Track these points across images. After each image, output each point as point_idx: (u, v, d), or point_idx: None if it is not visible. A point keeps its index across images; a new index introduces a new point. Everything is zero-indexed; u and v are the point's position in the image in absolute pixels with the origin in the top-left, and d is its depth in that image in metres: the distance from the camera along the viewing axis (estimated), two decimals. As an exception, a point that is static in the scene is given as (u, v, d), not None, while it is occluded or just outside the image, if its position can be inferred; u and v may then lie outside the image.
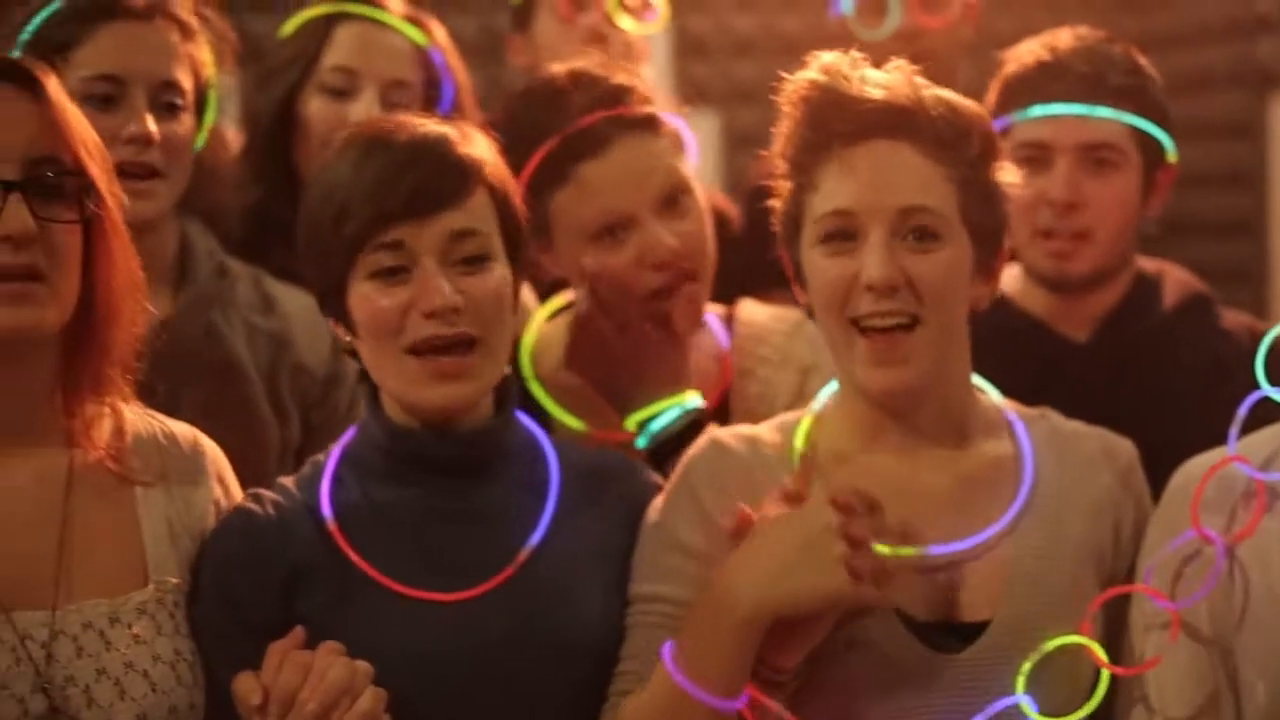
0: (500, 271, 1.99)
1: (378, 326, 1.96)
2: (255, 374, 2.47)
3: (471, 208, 1.98)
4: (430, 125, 2.01)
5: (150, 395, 2.17)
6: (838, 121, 1.95)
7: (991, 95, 2.60)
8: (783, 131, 2.00)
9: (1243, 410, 1.91)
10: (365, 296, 1.97)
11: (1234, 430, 1.91)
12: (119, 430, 1.97)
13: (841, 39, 2.92)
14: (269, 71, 2.78)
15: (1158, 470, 2.05)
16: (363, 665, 1.86)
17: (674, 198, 2.32)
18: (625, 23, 3.14)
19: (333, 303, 2.02)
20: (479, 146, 2.02)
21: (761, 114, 2.20)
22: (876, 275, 1.91)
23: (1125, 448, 2.08)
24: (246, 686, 1.86)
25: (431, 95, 2.75)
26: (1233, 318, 2.67)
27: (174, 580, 1.94)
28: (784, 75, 2.01)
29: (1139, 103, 2.56)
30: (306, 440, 2.51)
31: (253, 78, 2.81)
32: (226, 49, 2.52)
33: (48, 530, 1.89)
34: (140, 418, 2.01)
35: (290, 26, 2.80)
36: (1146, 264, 2.66)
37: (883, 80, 1.97)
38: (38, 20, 2.37)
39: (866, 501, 1.85)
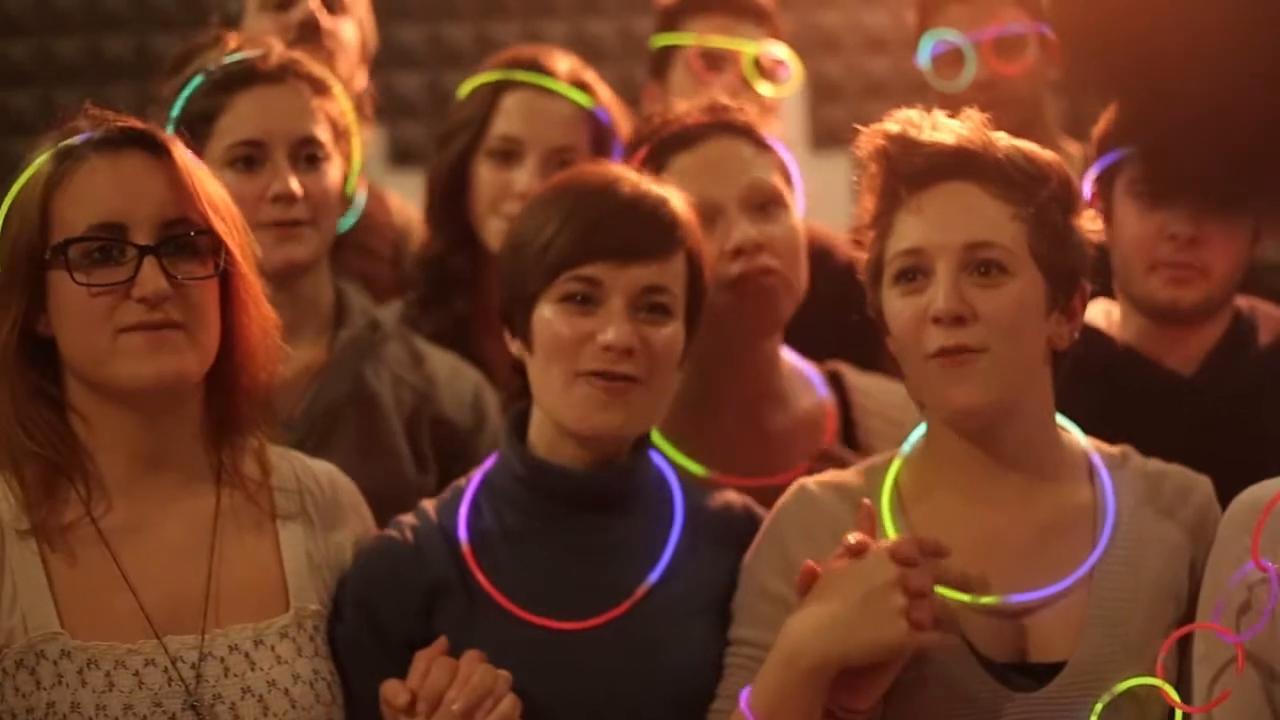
0: (676, 328, 2.12)
1: (556, 348, 2.09)
2: (399, 420, 2.59)
3: (669, 266, 2.11)
4: (652, 184, 2.15)
5: (302, 438, 2.36)
6: (908, 167, 2.03)
7: (1099, 131, 2.60)
8: (863, 183, 2.09)
9: None
10: (551, 319, 2.09)
11: None
12: (262, 468, 2.11)
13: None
14: (445, 135, 2.92)
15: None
16: (503, 673, 1.99)
17: (764, 204, 2.40)
18: (761, 86, 3.23)
19: (518, 314, 2.13)
20: (687, 208, 2.15)
21: None
22: (943, 306, 1.98)
23: (1202, 485, 2.11)
24: (393, 688, 2.00)
25: (600, 153, 2.85)
26: None
27: (314, 606, 2.07)
28: (859, 128, 2.09)
29: None
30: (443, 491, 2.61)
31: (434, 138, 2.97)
32: (366, 100, 2.66)
33: (197, 562, 2.03)
34: (282, 457, 2.15)
35: (465, 90, 2.95)
36: (1239, 300, 2.65)
37: (952, 126, 2.05)
38: (184, 95, 2.52)
39: (932, 548, 1.92)
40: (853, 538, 1.94)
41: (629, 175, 2.17)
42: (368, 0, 3.18)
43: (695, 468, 2.38)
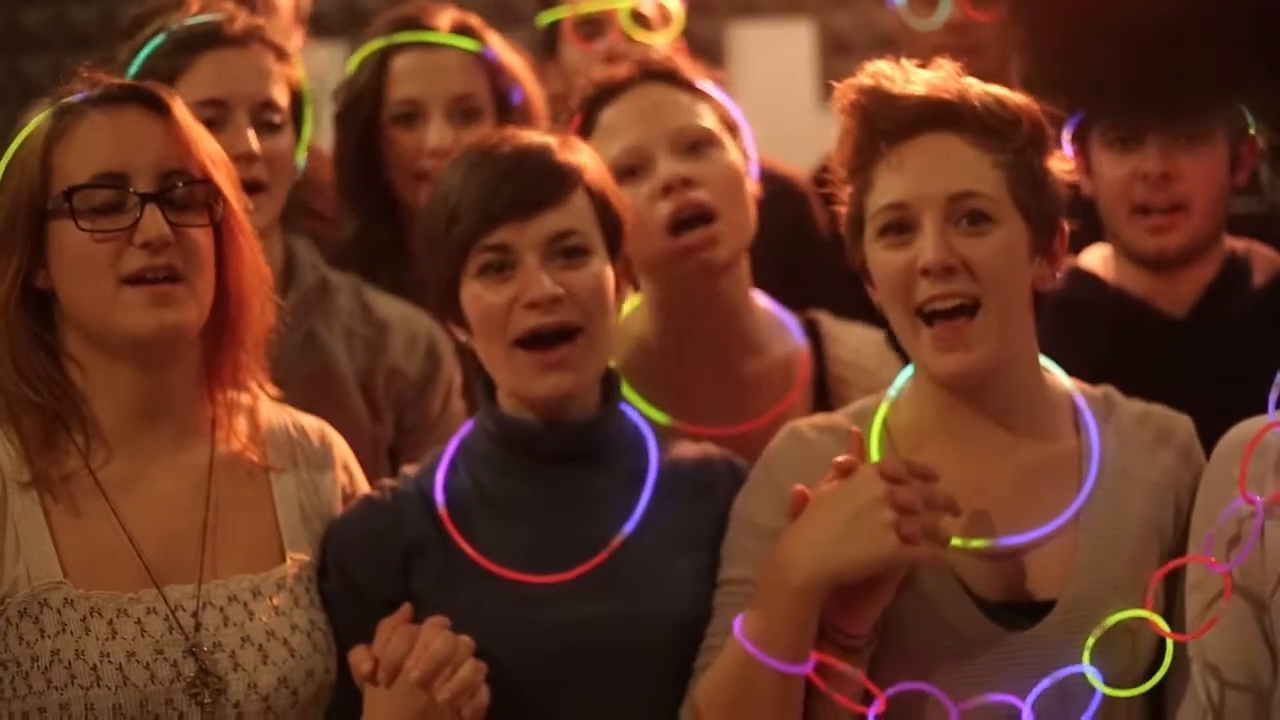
0: (599, 265, 2.13)
1: (486, 321, 2.11)
2: (351, 377, 2.60)
3: (570, 209, 2.12)
4: (533, 136, 2.17)
5: None
6: (885, 120, 2.03)
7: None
8: (839, 137, 2.09)
9: None
10: (475, 294, 2.12)
11: (1274, 396, 1.96)
12: (255, 420, 2.14)
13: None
14: (344, 110, 2.91)
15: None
16: (464, 639, 2.00)
17: (694, 144, 2.40)
18: (642, 36, 3.19)
19: (448, 302, 2.16)
20: (579, 153, 2.16)
21: None
22: (931, 258, 1.98)
23: (1183, 424, 2.12)
24: (359, 657, 2.02)
25: (498, 93, 2.86)
26: None
27: (307, 558, 2.10)
28: (833, 84, 2.09)
29: None
30: (400, 439, 2.64)
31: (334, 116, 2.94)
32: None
33: (193, 512, 2.07)
34: (274, 410, 2.18)
35: (351, 65, 2.93)
36: (1234, 242, 2.69)
37: (926, 77, 2.05)
38: (143, 54, 2.52)
39: (920, 471, 1.93)
40: (841, 459, 1.96)
41: (509, 135, 2.18)
42: None
43: (661, 417, 2.38)
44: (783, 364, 2.49)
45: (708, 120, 2.42)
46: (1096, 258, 2.67)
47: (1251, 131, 2.64)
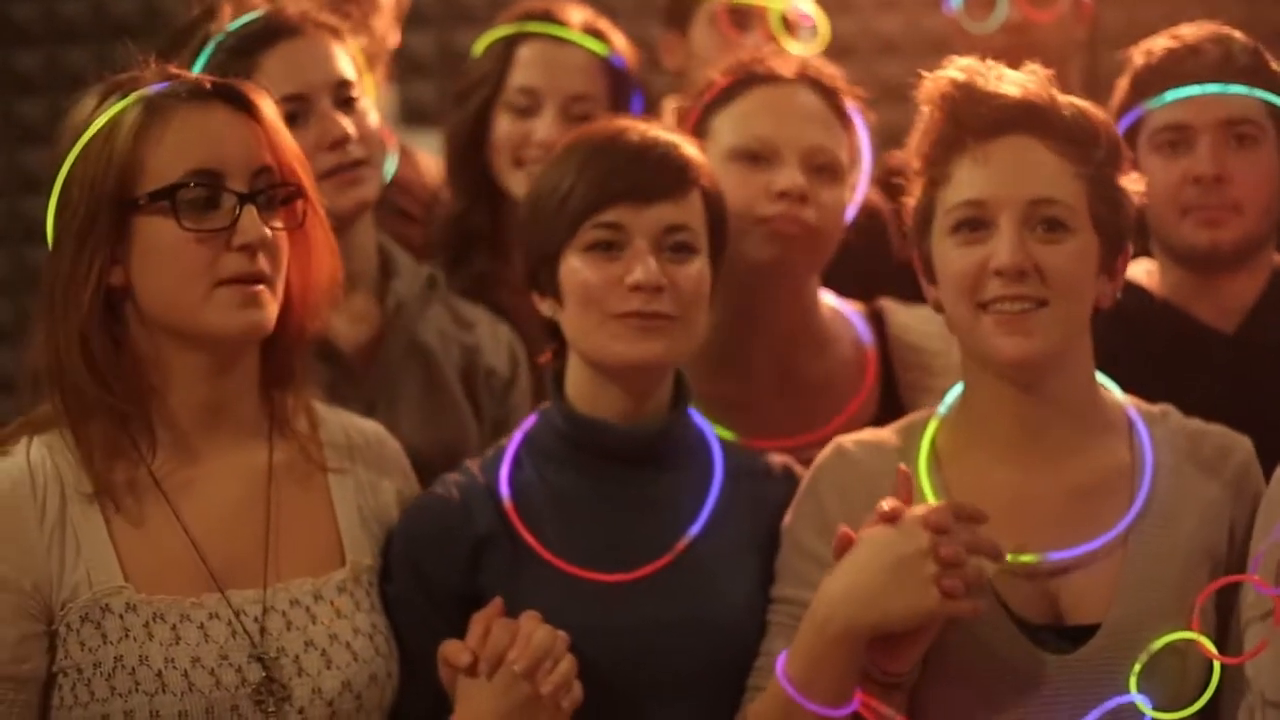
0: (702, 265, 2.16)
1: (586, 294, 2.13)
2: (457, 382, 2.62)
3: (686, 204, 2.15)
4: (660, 129, 2.20)
5: (371, 400, 2.40)
6: (974, 117, 2.03)
7: (1120, 91, 2.64)
8: (920, 128, 2.09)
9: None
10: (578, 268, 2.14)
11: None
12: (313, 421, 2.14)
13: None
14: (461, 92, 2.93)
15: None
16: (561, 633, 2.02)
17: (823, 168, 2.41)
18: (788, 42, 3.22)
19: (544, 273, 2.17)
20: (698, 153, 2.19)
21: (906, 112, 2.31)
22: (1007, 260, 1.99)
23: (1241, 445, 2.11)
24: (454, 649, 2.03)
25: (618, 100, 2.88)
26: None
27: (368, 561, 2.11)
28: (923, 74, 2.09)
29: (1268, 81, 2.58)
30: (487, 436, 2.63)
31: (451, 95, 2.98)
32: (380, 59, 2.67)
33: (254, 516, 2.06)
34: (330, 413, 2.19)
35: (479, 47, 2.96)
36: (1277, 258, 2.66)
37: (1018, 79, 2.06)
38: (200, 62, 2.48)
39: (969, 513, 1.92)
40: (887, 504, 1.94)
41: (637, 124, 2.21)
42: None
43: (727, 434, 2.38)
44: (850, 363, 2.52)
45: (842, 150, 2.45)
46: (1142, 271, 2.64)
47: None
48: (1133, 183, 2.09)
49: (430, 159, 3.26)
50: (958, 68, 2.07)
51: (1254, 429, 2.15)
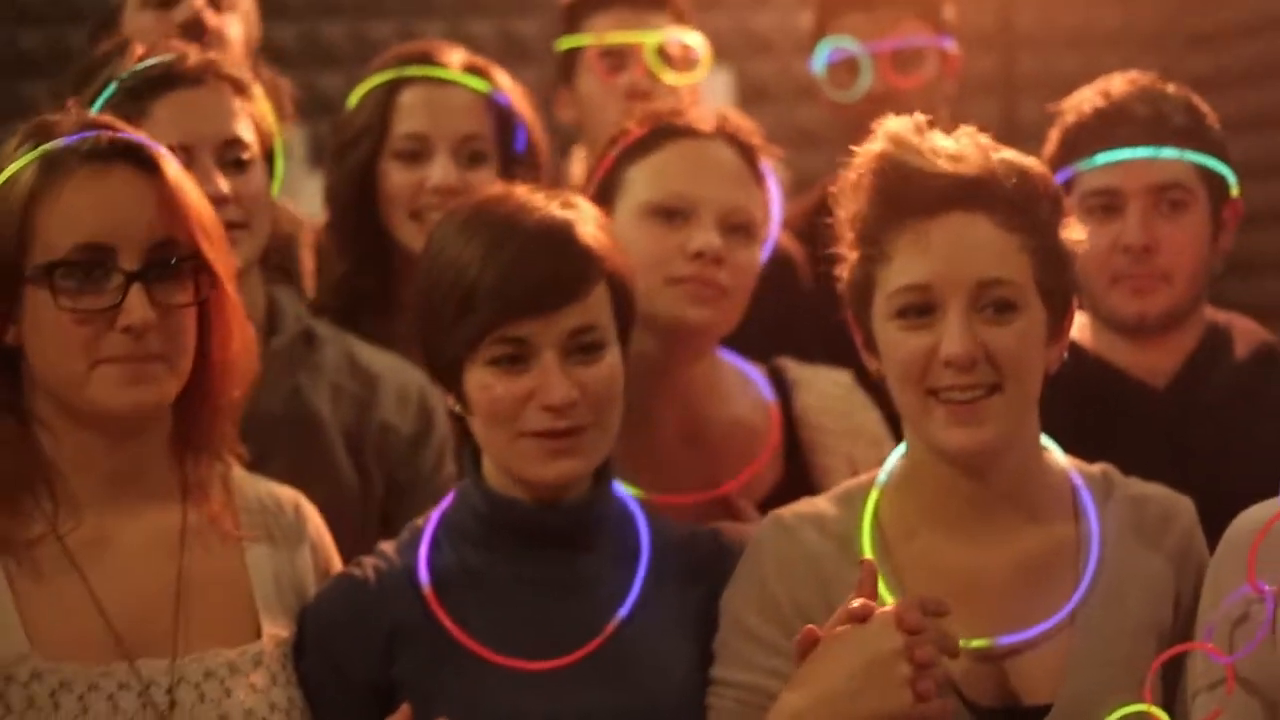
0: (613, 359, 2.05)
1: (495, 413, 2.02)
2: (339, 435, 2.51)
3: (592, 302, 2.03)
4: (555, 210, 2.06)
5: (244, 469, 2.24)
6: (910, 197, 1.95)
7: (1051, 146, 2.61)
8: (852, 202, 2.00)
9: None
10: (484, 385, 2.02)
11: None
12: (228, 487, 2.06)
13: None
14: (341, 146, 2.82)
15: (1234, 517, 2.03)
16: None
17: (738, 228, 2.36)
18: (668, 76, 3.18)
19: (447, 380, 2.07)
20: (597, 230, 2.07)
21: (824, 157, 2.27)
22: (958, 350, 1.92)
23: (1184, 510, 2.07)
24: None
25: (504, 137, 2.80)
26: None
27: (284, 633, 2.03)
28: (854, 150, 2.02)
29: (1201, 140, 2.58)
30: (391, 499, 2.55)
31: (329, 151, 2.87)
32: (285, 100, 2.55)
33: (165, 583, 1.98)
34: (246, 479, 2.11)
35: (354, 97, 2.85)
36: (1215, 314, 2.66)
37: (953, 150, 1.96)
38: (97, 105, 2.40)
39: (934, 607, 1.85)
40: (856, 602, 1.86)
41: (525, 203, 2.06)
42: None
43: (634, 490, 2.31)
44: (753, 420, 2.47)
45: (757, 210, 2.40)
46: (1075, 325, 2.53)
47: (1234, 194, 2.62)
48: (1073, 232, 2.03)
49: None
50: (887, 137, 1.99)
51: (1187, 484, 2.12)
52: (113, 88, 2.43)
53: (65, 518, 1.95)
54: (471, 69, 2.82)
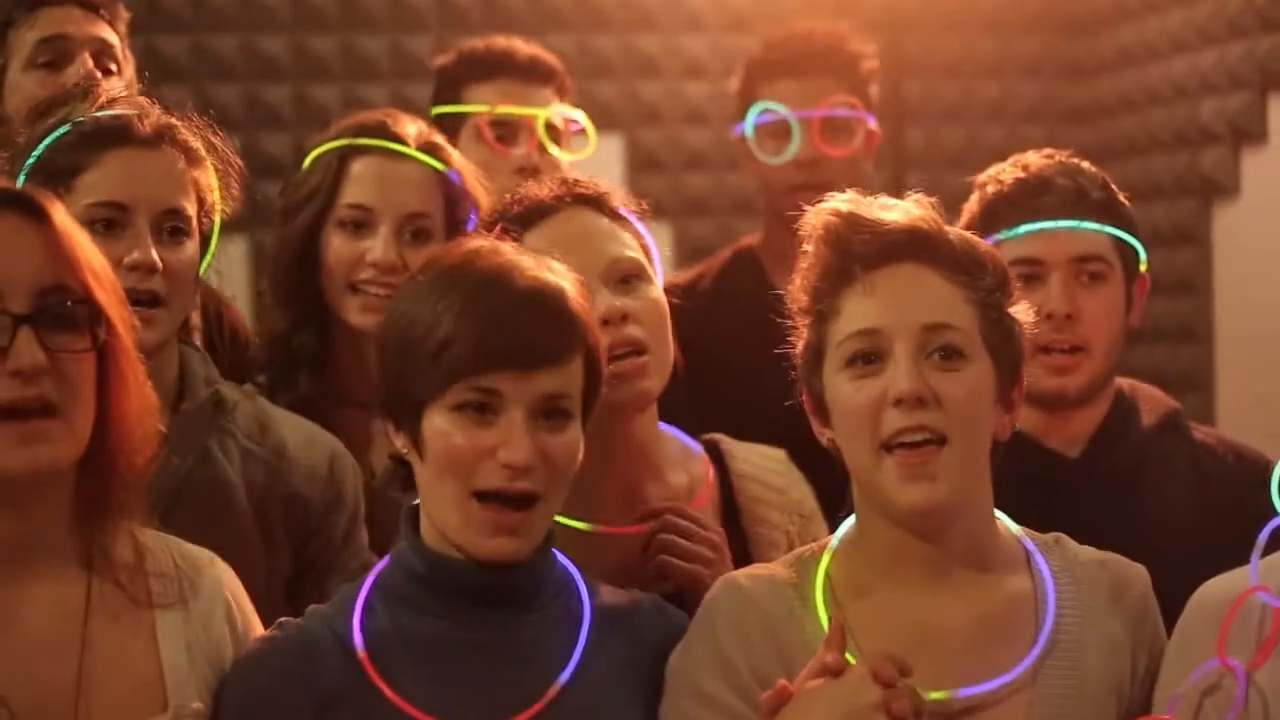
0: (575, 433, 1.99)
1: (452, 462, 1.95)
2: (247, 502, 2.43)
3: (569, 371, 1.98)
4: (548, 274, 2.00)
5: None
6: (860, 246, 1.97)
7: (969, 217, 2.63)
8: (804, 263, 2.02)
9: (1263, 537, 1.91)
10: (445, 431, 1.95)
11: (1255, 558, 1.91)
12: (136, 552, 1.96)
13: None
14: (289, 206, 2.77)
15: (1156, 584, 2.07)
16: None
17: (626, 277, 2.32)
18: (557, 152, 3.20)
19: (404, 416, 1.99)
20: (583, 301, 2.02)
21: (713, 225, 2.27)
22: (906, 387, 1.92)
23: (1138, 576, 2.07)
24: None
25: (454, 218, 2.76)
26: (1202, 431, 2.73)
27: (194, 705, 1.93)
28: (805, 208, 2.03)
29: (1116, 216, 2.63)
30: (299, 571, 2.47)
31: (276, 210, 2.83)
32: (233, 174, 2.49)
33: (67, 656, 1.89)
34: (155, 540, 2.00)
35: (309, 160, 2.80)
36: (1120, 381, 2.69)
37: (902, 207, 2.01)
38: (43, 146, 2.36)
39: (901, 665, 1.84)
40: (830, 657, 1.85)
41: (523, 263, 2.01)
42: (135, 64, 3.10)
43: (578, 524, 2.28)
44: (686, 489, 2.42)
45: (635, 251, 2.35)
46: None
47: (1143, 270, 2.66)
48: (1021, 313, 2.04)
49: None
50: (839, 200, 2.01)
51: (1104, 549, 2.12)
52: (65, 129, 2.37)
53: None
54: (427, 146, 2.78)
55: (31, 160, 2.36)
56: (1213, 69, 4.93)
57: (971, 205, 2.66)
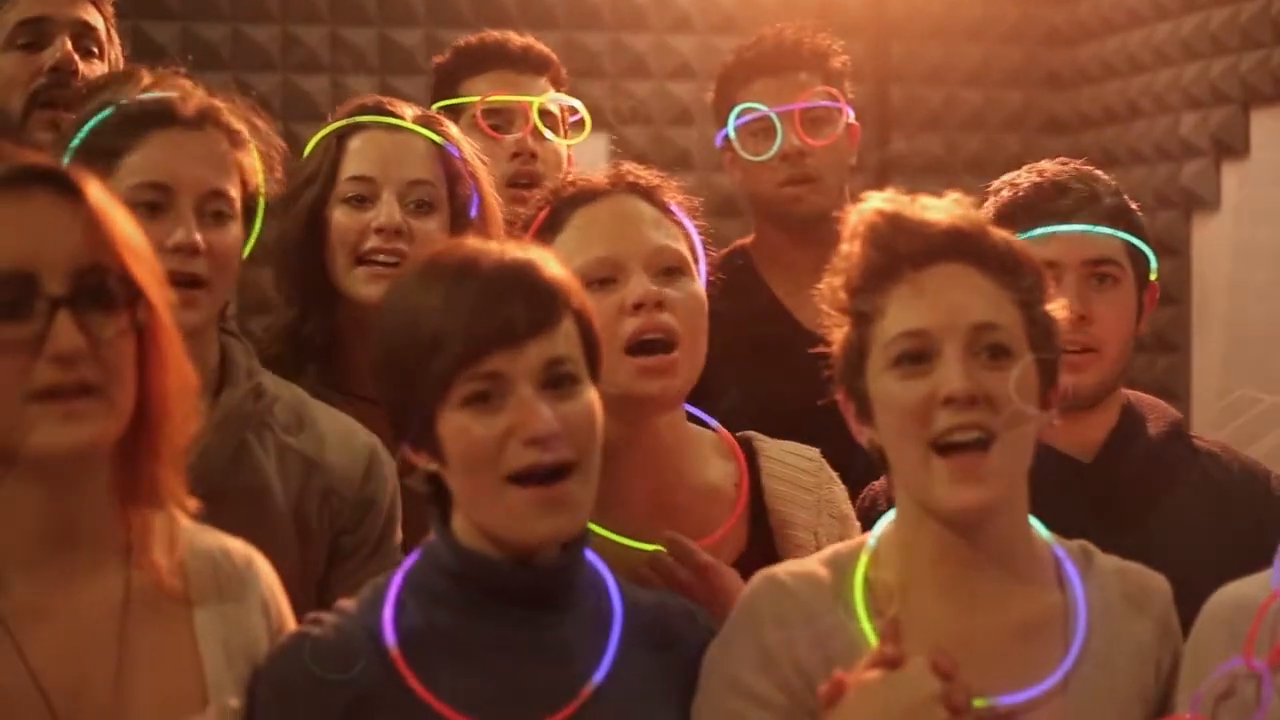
0: (590, 394, 1.97)
1: (476, 456, 1.92)
2: (283, 497, 2.41)
3: (561, 333, 1.95)
4: (513, 251, 1.99)
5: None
6: (905, 245, 1.98)
7: None
8: (845, 262, 2.03)
9: None
10: (460, 428, 1.92)
11: (1278, 563, 1.94)
12: (175, 544, 1.92)
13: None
14: (290, 193, 2.75)
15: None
16: None
17: (670, 269, 2.33)
18: (553, 137, 3.22)
19: (418, 431, 1.96)
20: (559, 269, 2.00)
21: (699, 225, 2.32)
22: (958, 387, 1.93)
23: (1160, 586, 2.09)
24: None
25: (456, 191, 2.77)
26: (1202, 440, 2.76)
27: (234, 703, 1.90)
28: (849, 207, 2.04)
29: (1129, 223, 2.67)
30: (332, 568, 2.46)
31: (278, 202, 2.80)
32: (276, 157, 2.49)
33: (105, 652, 1.85)
34: (197, 532, 1.98)
35: (308, 149, 2.80)
36: (1126, 393, 2.72)
37: (944, 206, 2.02)
38: (88, 127, 2.36)
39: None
40: (889, 648, 1.87)
41: (486, 249, 1.99)
42: (120, 47, 3.08)
43: (611, 535, 2.28)
44: (719, 489, 2.42)
45: (682, 245, 2.36)
46: None
47: (1153, 278, 2.69)
48: (1057, 310, 2.06)
49: None
50: (881, 199, 2.02)
51: (1115, 553, 2.14)
52: (108, 111, 2.37)
53: (2, 581, 1.82)
54: (423, 120, 2.80)
55: (75, 143, 2.36)
56: (1195, 83, 4.99)
57: (986, 210, 2.65)
